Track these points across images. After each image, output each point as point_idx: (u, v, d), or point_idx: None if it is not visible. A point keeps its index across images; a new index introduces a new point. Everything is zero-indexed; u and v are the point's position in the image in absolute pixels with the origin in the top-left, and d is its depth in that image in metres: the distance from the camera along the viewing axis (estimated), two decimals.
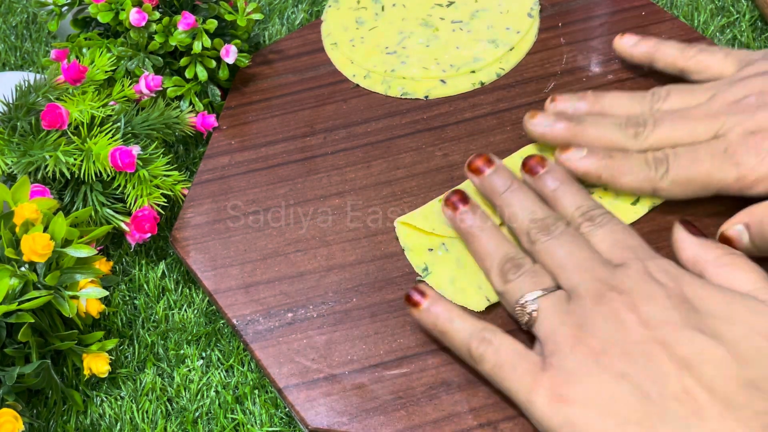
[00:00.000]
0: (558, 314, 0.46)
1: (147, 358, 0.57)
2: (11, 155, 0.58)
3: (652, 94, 0.57)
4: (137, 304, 0.60)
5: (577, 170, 0.55)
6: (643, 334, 0.43)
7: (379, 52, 0.67)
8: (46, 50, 0.74)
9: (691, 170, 0.52)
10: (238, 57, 0.66)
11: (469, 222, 0.53)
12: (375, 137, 0.63)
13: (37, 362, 0.52)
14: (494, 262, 0.51)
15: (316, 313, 0.54)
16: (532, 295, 0.48)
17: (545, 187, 0.54)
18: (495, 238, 0.52)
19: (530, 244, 0.51)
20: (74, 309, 0.53)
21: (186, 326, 0.58)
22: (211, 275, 0.57)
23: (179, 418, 0.54)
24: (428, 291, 0.50)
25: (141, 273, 0.61)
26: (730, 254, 0.47)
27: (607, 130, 0.55)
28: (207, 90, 0.67)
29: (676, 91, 0.56)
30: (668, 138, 0.54)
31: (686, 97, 0.56)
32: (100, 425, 0.54)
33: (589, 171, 0.54)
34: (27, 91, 0.60)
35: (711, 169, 0.51)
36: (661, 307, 0.44)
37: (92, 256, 0.55)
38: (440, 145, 0.62)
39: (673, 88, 0.57)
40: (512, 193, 0.53)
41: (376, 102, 0.65)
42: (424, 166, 0.61)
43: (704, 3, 0.71)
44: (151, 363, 0.57)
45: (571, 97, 0.59)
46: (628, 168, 0.54)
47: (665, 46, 0.60)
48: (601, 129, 0.56)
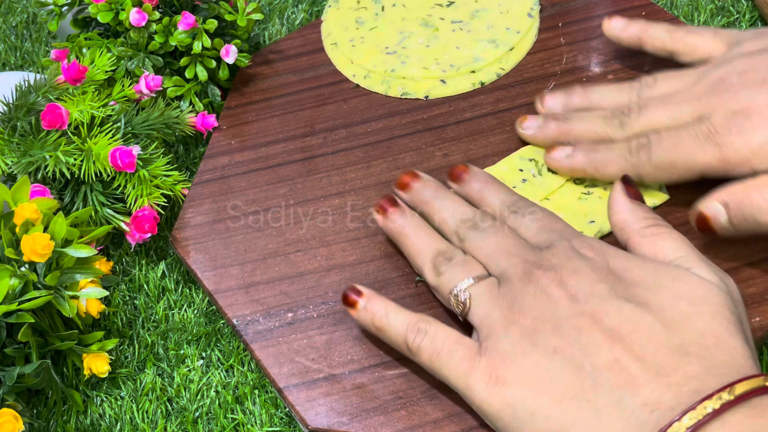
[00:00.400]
0: (490, 299, 0.46)
1: (147, 358, 0.57)
2: (11, 155, 0.58)
3: (640, 82, 0.57)
4: (137, 304, 0.60)
5: (563, 169, 0.55)
6: (571, 308, 0.43)
7: (379, 52, 0.67)
8: (46, 50, 0.74)
9: (673, 153, 0.52)
10: (238, 57, 0.66)
11: (399, 222, 0.53)
12: (375, 137, 0.63)
13: (37, 362, 0.52)
14: (426, 257, 0.51)
15: (316, 313, 0.54)
16: (463, 284, 0.48)
17: (471, 189, 0.54)
18: (426, 236, 0.52)
19: (460, 242, 0.51)
20: (74, 309, 0.53)
21: (186, 326, 0.58)
22: (211, 275, 0.57)
23: (179, 418, 0.54)
24: (364, 290, 0.51)
25: (141, 273, 0.61)
26: (655, 224, 0.47)
27: (593, 124, 0.56)
28: (207, 90, 0.67)
29: (663, 77, 0.56)
30: (652, 123, 0.54)
31: (673, 82, 0.56)
32: (100, 425, 0.54)
33: (575, 168, 0.55)
34: (27, 91, 0.60)
35: (693, 151, 0.51)
36: (588, 280, 0.44)
37: (92, 256, 0.55)
38: (440, 145, 0.62)
39: (660, 74, 0.57)
40: (440, 200, 0.54)
41: (376, 102, 0.65)
42: (424, 166, 0.61)
43: (704, 3, 0.71)
44: (151, 363, 0.57)
45: (560, 94, 0.59)
46: (611, 158, 0.54)
47: (653, 29, 0.60)
48: (588, 123, 0.56)
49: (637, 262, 0.45)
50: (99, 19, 0.63)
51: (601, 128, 0.56)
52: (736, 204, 0.49)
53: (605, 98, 0.58)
